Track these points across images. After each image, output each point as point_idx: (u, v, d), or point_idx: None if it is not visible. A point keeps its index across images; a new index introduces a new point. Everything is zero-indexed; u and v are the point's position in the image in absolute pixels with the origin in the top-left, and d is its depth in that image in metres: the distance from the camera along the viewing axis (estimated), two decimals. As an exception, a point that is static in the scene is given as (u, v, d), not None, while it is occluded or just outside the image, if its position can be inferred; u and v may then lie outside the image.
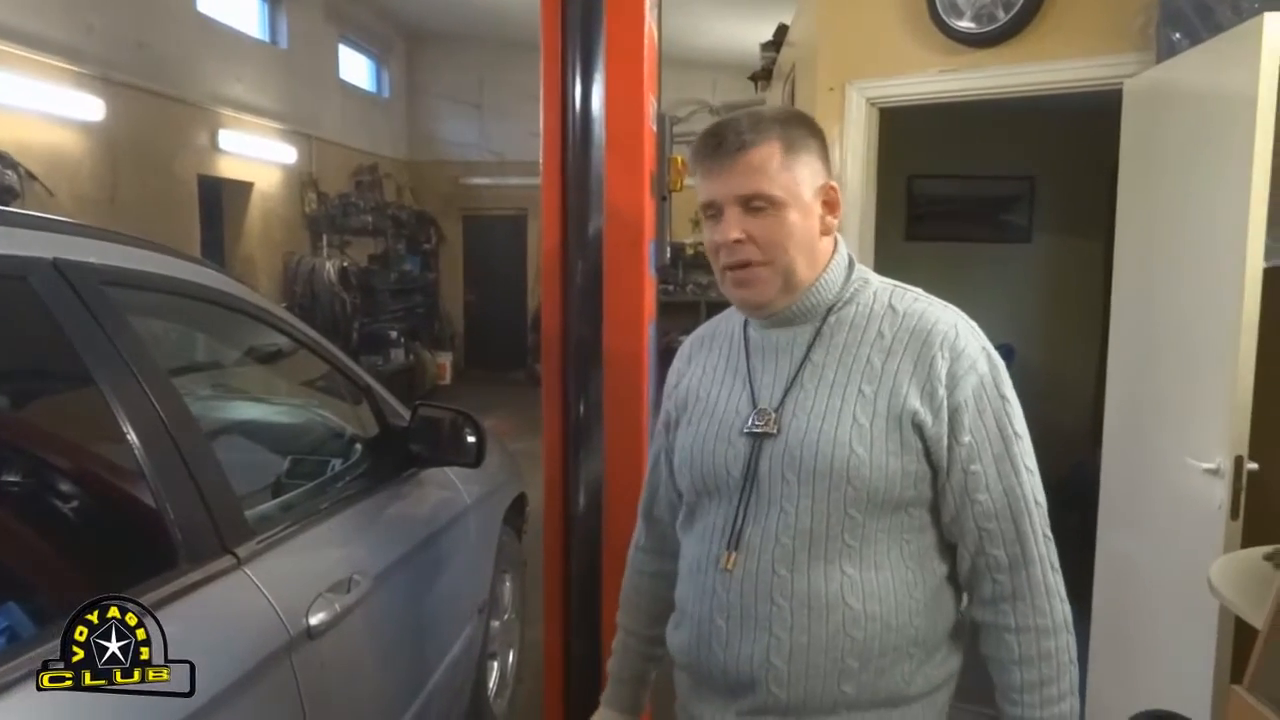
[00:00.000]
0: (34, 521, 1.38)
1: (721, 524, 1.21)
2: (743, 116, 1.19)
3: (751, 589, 1.17)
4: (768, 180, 1.15)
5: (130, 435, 1.27)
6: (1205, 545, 2.09)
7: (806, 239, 1.18)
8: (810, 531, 1.14)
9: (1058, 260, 5.35)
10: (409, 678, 1.99)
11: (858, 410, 1.15)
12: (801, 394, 1.18)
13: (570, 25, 1.83)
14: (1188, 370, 2.29)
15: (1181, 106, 2.39)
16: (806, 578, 1.14)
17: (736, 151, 1.15)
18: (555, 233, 1.89)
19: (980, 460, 1.14)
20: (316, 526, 1.71)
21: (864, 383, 1.16)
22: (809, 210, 1.19)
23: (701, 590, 1.22)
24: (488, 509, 2.64)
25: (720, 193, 1.17)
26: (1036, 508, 1.16)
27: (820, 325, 1.21)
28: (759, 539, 1.17)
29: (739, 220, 1.16)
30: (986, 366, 1.17)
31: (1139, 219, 2.63)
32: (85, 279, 1.33)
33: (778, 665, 1.15)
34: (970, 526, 1.16)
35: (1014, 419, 1.17)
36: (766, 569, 1.16)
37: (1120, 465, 2.71)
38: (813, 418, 1.16)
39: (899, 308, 1.20)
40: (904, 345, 1.16)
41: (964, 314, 1.22)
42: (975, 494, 1.15)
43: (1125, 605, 2.63)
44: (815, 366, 1.19)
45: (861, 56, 3.26)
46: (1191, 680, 2.14)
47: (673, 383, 1.38)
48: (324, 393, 2.53)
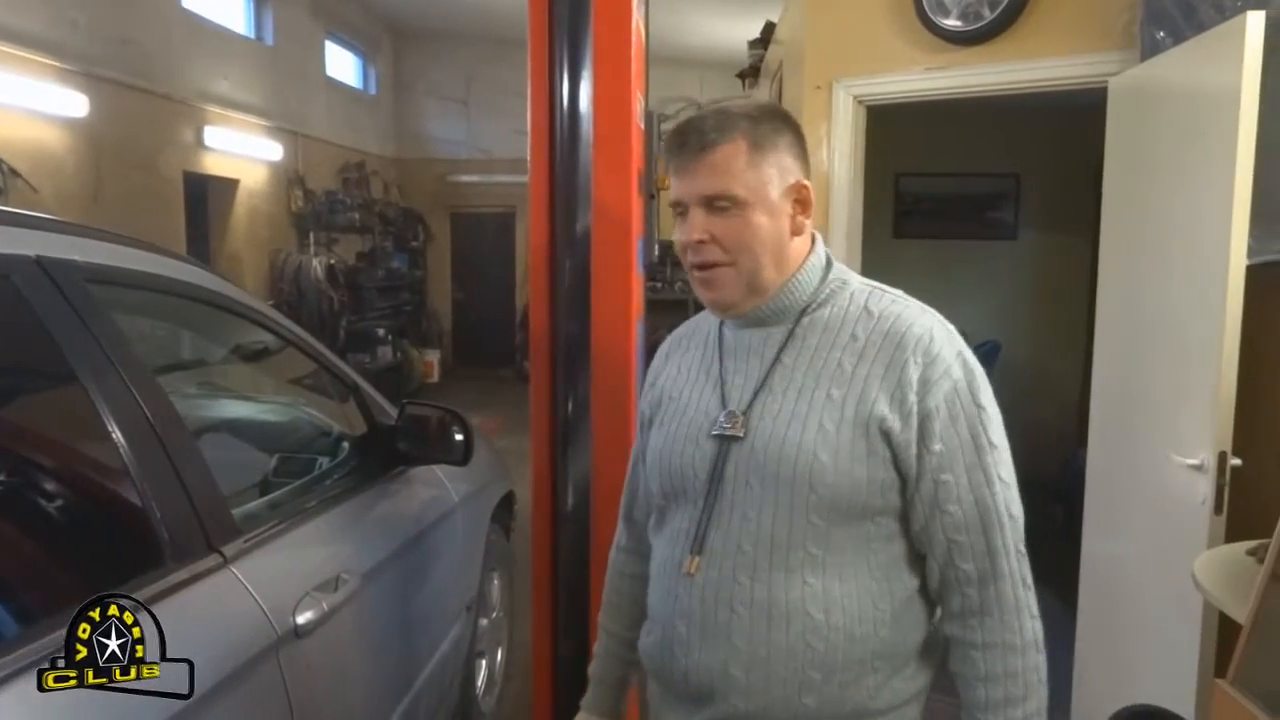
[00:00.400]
0: (17, 520, 1.37)
1: (687, 527, 1.19)
2: (710, 114, 1.16)
3: (713, 595, 1.14)
4: (731, 180, 1.12)
5: (115, 433, 1.26)
6: (1189, 540, 2.11)
7: (774, 240, 1.15)
8: (772, 539, 1.12)
9: (1043, 257, 5.39)
10: (397, 676, 1.98)
11: (824, 415, 1.11)
12: (770, 397, 1.16)
13: (557, 23, 1.83)
14: (1172, 367, 2.31)
15: (1165, 104, 2.40)
16: (767, 586, 1.12)
17: (700, 151, 1.13)
18: (543, 231, 1.89)
19: (951, 470, 1.11)
20: (304, 525, 1.70)
21: (833, 387, 1.12)
22: (776, 210, 1.15)
23: (666, 594, 1.21)
24: (476, 507, 2.64)
25: (685, 192, 1.15)
26: (1010, 521, 1.13)
27: (793, 327, 1.18)
28: (721, 545, 1.15)
29: (703, 221, 1.14)
30: (961, 373, 1.13)
31: (1123, 216, 2.65)
32: (69, 277, 1.32)
33: (736, 675, 1.12)
34: (939, 538, 1.13)
35: (989, 428, 1.13)
36: (728, 576, 1.13)
37: (1105, 461, 2.73)
38: (778, 422, 1.13)
39: (874, 310, 1.16)
40: (876, 349, 1.13)
41: (942, 318, 1.18)
42: (945, 505, 1.11)
43: (1110, 600, 2.65)
44: (785, 369, 1.17)
45: (848, 55, 3.27)
46: (1176, 675, 2.16)
47: (649, 381, 1.36)
48: (311, 391, 2.52)
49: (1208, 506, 2.06)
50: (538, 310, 1.92)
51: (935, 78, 3.08)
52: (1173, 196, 2.33)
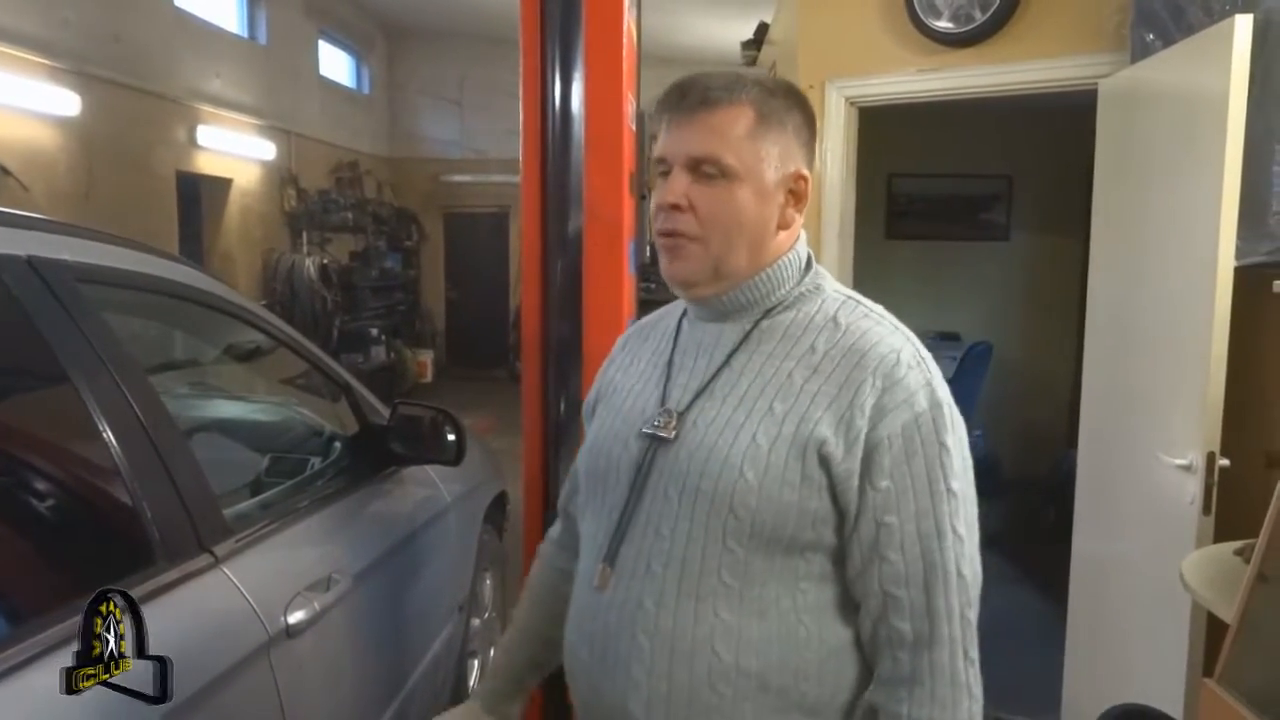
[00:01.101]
0: (7, 519, 1.37)
1: (601, 538, 1.08)
2: (721, 73, 1.04)
3: (616, 620, 1.02)
4: (725, 145, 1.00)
5: (106, 433, 1.26)
6: (1178, 540, 2.12)
7: (755, 225, 1.03)
8: (684, 561, 0.99)
9: (1036, 258, 5.41)
10: (389, 676, 1.98)
11: (760, 430, 0.98)
12: (709, 402, 1.04)
13: (549, 23, 1.83)
14: (1161, 367, 2.32)
15: (1155, 106, 2.42)
16: (673, 615, 0.98)
17: (699, 106, 1.01)
18: (535, 231, 1.89)
19: (898, 513, 0.96)
20: (295, 525, 1.70)
21: (777, 400, 0.99)
22: (767, 194, 1.03)
23: (576, 614, 1.11)
24: (468, 507, 2.64)
25: (672, 150, 1.03)
26: (958, 580, 0.96)
27: (751, 328, 1.06)
28: (631, 562, 1.03)
29: (684, 185, 1.01)
30: (927, 404, 0.97)
31: (1113, 218, 2.67)
32: (60, 276, 1.32)
33: (635, 712, 1.00)
34: (875, 588, 0.97)
35: (949, 472, 0.97)
36: (634, 599, 1.01)
37: (1095, 461, 2.74)
38: (710, 431, 1.01)
39: (842, 322, 1.03)
40: (834, 364, 0.99)
41: (918, 341, 1.03)
42: (886, 551, 0.96)
43: (1100, 599, 2.66)
44: (732, 374, 1.04)
45: (841, 55, 3.28)
46: (1165, 674, 2.17)
47: (602, 369, 1.27)
48: (303, 391, 2.52)
49: (1196, 506, 2.08)
50: (530, 311, 1.92)
51: (927, 79, 3.09)
52: (1162, 198, 2.35)
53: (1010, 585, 4.06)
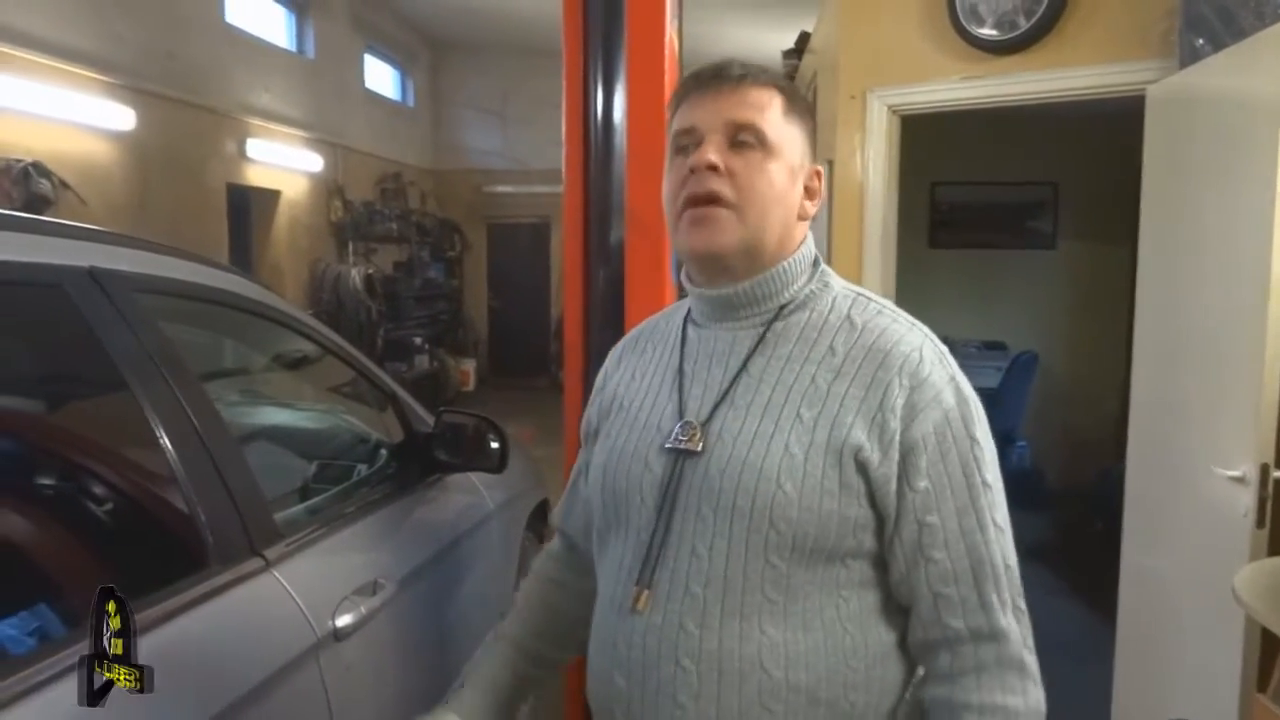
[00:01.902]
0: (68, 523, 1.41)
1: (629, 562, 1.03)
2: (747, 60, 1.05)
3: (655, 645, 0.98)
4: (764, 118, 1.00)
5: (163, 439, 1.30)
6: (1230, 554, 2.08)
7: (785, 206, 1.02)
8: (725, 580, 0.95)
9: (1083, 266, 5.34)
10: (433, 681, 2.00)
11: (792, 439, 0.96)
12: (731, 412, 1.00)
13: (592, 35, 1.86)
14: (1213, 377, 2.28)
15: (1205, 112, 2.38)
16: (718, 637, 0.95)
17: (740, 79, 1.01)
18: (577, 241, 1.91)
19: (939, 511, 0.95)
20: (343, 530, 1.73)
21: (804, 406, 0.97)
22: (794, 177, 1.03)
23: (602, 642, 1.06)
24: (511, 514, 2.66)
25: (707, 119, 1.01)
26: (1005, 571, 0.96)
27: (764, 331, 1.03)
28: (667, 585, 0.98)
29: (721, 151, 0.99)
30: (954, 400, 0.97)
31: (1162, 225, 2.62)
32: (119, 287, 1.36)
33: None
34: (924, 591, 0.96)
35: (984, 465, 0.97)
36: (673, 623, 0.97)
37: (1145, 473, 2.69)
38: (739, 443, 0.98)
39: (858, 321, 1.02)
40: (856, 366, 0.98)
41: (934, 335, 1.03)
42: (930, 551, 0.95)
43: (1150, 614, 2.61)
44: (751, 380, 1.01)
45: (883, 64, 3.27)
46: (1216, 689, 2.13)
47: (597, 386, 1.23)
48: (350, 398, 2.56)
49: (1249, 519, 2.03)
50: (571, 320, 1.94)
51: (970, 87, 3.07)
52: (1212, 205, 2.31)
53: (1058, 599, 3.99)
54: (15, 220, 1.32)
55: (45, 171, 4.78)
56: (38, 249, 1.28)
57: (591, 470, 1.14)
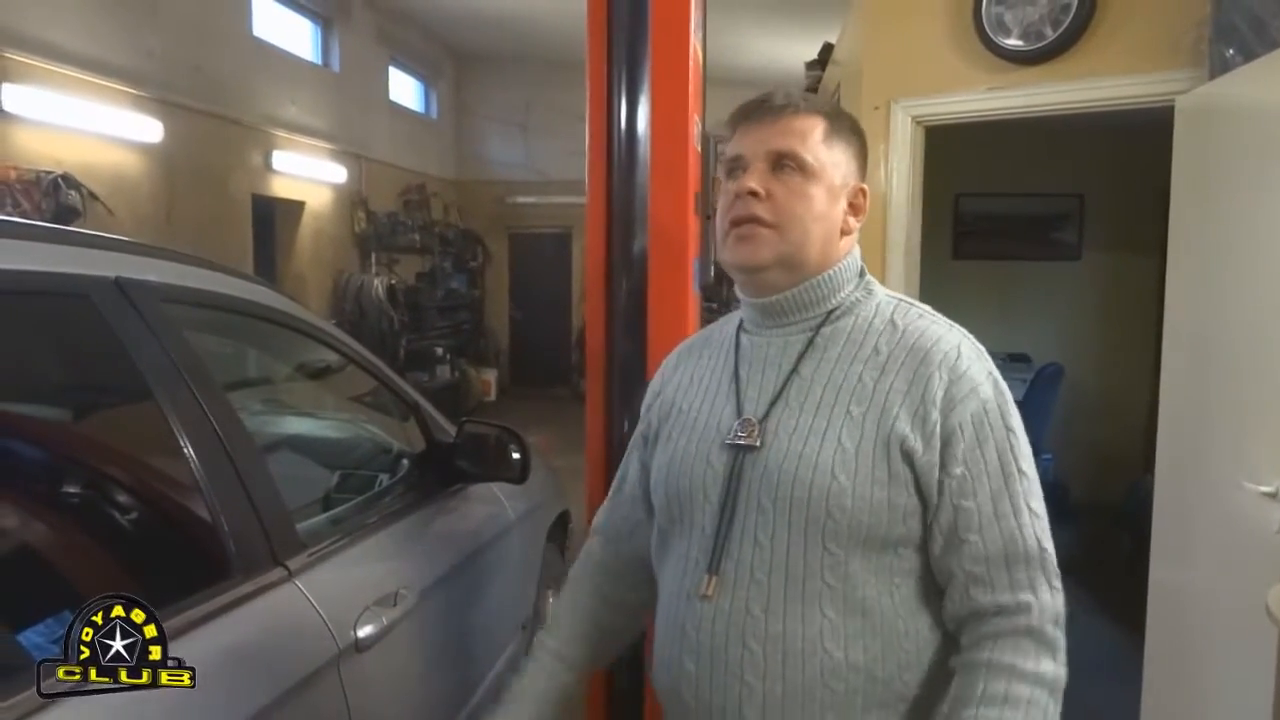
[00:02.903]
0: (93, 532, 1.42)
1: (696, 554, 1.11)
2: (792, 90, 1.17)
3: (723, 630, 1.06)
4: (804, 145, 1.10)
5: (187, 449, 1.30)
6: (1262, 570, 2.04)
7: (824, 223, 1.11)
8: (787, 568, 1.04)
9: (1109, 278, 5.28)
10: (454, 692, 2.00)
11: (844, 433, 1.04)
12: (786, 411, 1.09)
13: (615, 46, 1.86)
14: (1244, 392, 2.24)
15: (1235, 123, 2.35)
16: (782, 620, 1.03)
17: (782, 109, 1.11)
18: (599, 251, 1.91)
19: (975, 496, 1.02)
20: (364, 540, 1.73)
21: (853, 403, 1.06)
22: (835, 196, 1.12)
23: (671, 628, 1.14)
24: (532, 525, 2.66)
25: (751, 147, 1.11)
26: (1040, 554, 1.02)
27: (813, 336, 1.12)
28: (733, 573, 1.07)
29: (763, 177, 1.09)
30: (991, 392, 1.05)
31: (1192, 236, 2.59)
32: (145, 297, 1.37)
33: (750, 717, 1.04)
34: (957, 570, 1.03)
35: (1019, 454, 1.04)
36: (740, 608, 1.05)
37: (1174, 487, 2.65)
38: (794, 439, 1.06)
39: (900, 323, 1.11)
40: (899, 363, 1.06)
41: (971, 336, 1.11)
42: (965, 533, 1.02)
43: (1180, 630, 2.57)
44: (803, 381, 1.10)
45: (907, 75, 3.25)
46: (1248, 709, 2.08)
47: (655, 390, 1.30)
48: (372, 408, 2.57)
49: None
50: (594, 330, 1.93)
51: (996, 97, 3.05)
52: (1243, 216, 2.28)
53: (1084, 615, 3.92)
54: (43, 231, 1.34)
55: (75, 183, 4.84)
56: (65, 259, 1.29)
57: (654, 471, 1.22)
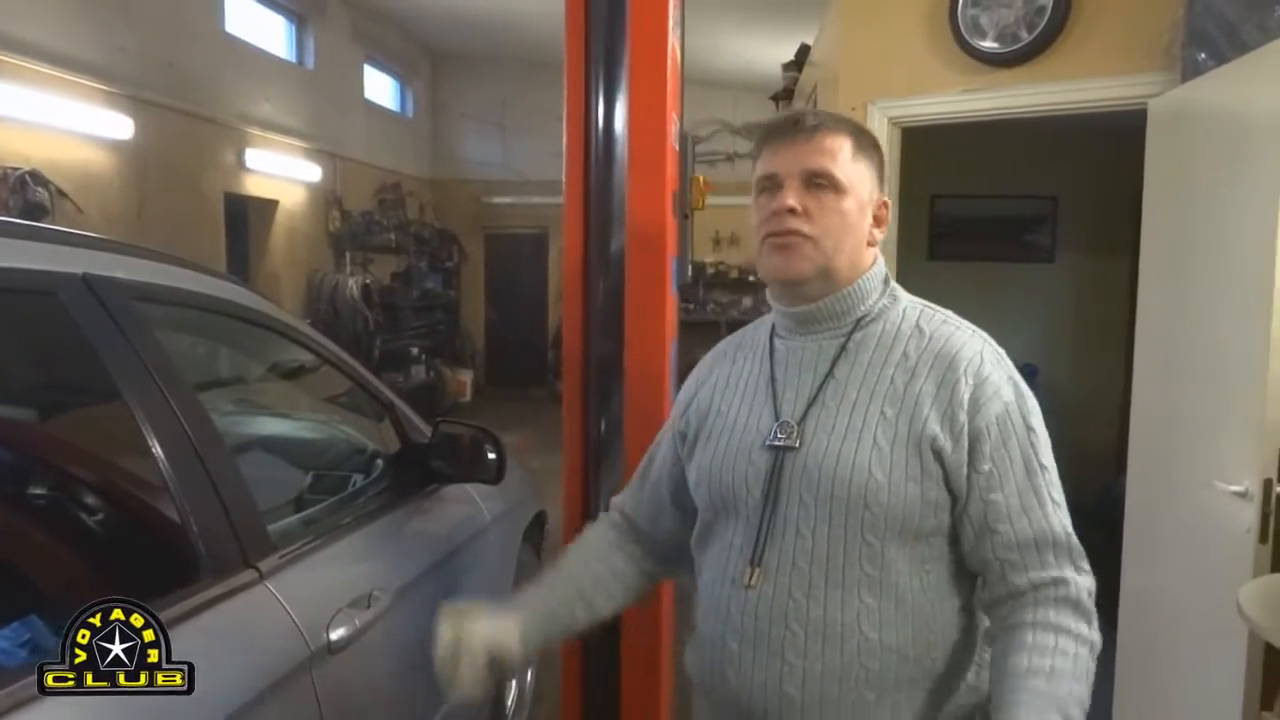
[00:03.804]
0: (60, 534, 1.39)
1: (740, 543, 1.19)
2: (821, 111, 1.24)
3: (766, 613, 1.14)
4: (835, 163, 1.16)
5: (156, 449, 1.28)
6: (1233, 569, 2.06)
7: (855, 235, 1.19)
8: (828, 556, 1.12)
9: (1082, 280, 5.32)
10: (427, 694, 1.98)
11: (879, 433, 1.12)
12: (823, 412, 1.17)
13: (594, 44, 1.85)
14: (1215, 393, 2.27)
15: (1207, 126, 2.37)
16: (823, 605, 1.12)
17: (813, 129, 1.17)
18: (577, 250, 1.90)
19: (1002, 490, 1.10)
20: (338, 542, 1.71)
21: (886, 404, 1.14)
22: (863, 210, 1.19)
23: (716, 610, 1.21)
24: (507, 526, 2.64)
25: (785, 166, 1.17)
26: (1066, 538, 1.11)
27: (845, 341, 1.20)
28: (776, 561, 1.15)
29: (798, 194, 1.16)
30: (1012, 395, 1.14)
31: (1164, 239, 2.62)
32: (114, 294, 1.34)
33: (791, 693, 1.12)
34: (991, 558, 1.11)
35: (1040, 450, 1.13)
36: (783, 593, 1.14)
37: (1146, 488, 2.68)
38: (833, 438, 1.14)
39: (926, 329, 1.19)
40: (928, 368, 1.14)
41: (992, 340, 1.20)
42: (995, 524, 1.10)
43: (1151, 630, 2.59)
44: (838, 384, 1.18)
45: (884, 76, 3.26)
46: (1218, 707, 2.11)
47: (690, 392, 1.36)
48: (346, 409, 2.54)
49: (1252, 535, 2.02)
50: (571, 330, 1.92)
51: (972, 99, 3.07)
52: (1215, 219, 2.30)
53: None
54: (9, 226, 1.31)
55: (42, 180, 4.77)
56: (31, 255, 1.27)
57: (697, 470, 1.27)
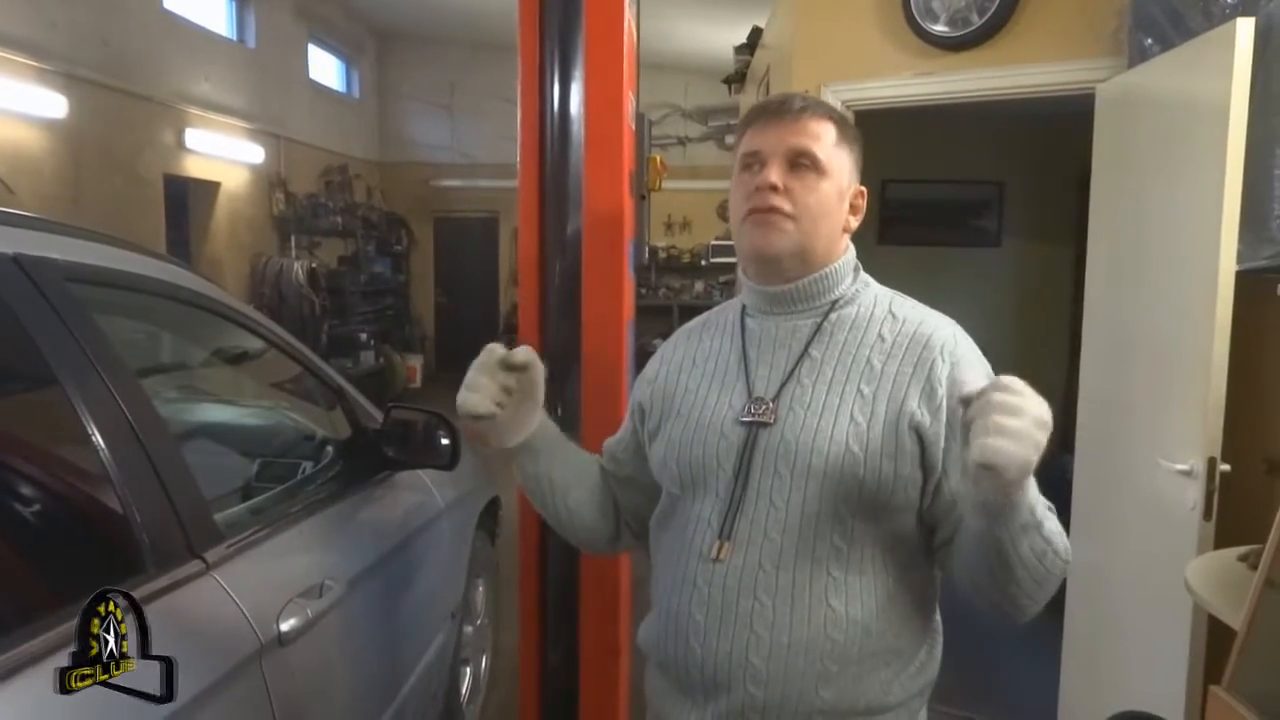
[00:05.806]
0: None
1: (708, 515, 1.19)
2: (807, 94, 1.26)
3: (735, 584, 1.15)
4: (819, 146, 1.19)
5: (95, 437, 1.23)
6: (1178, 547, 2.11)
7: (833, 220, 1.21)
8: (799, 528, 1.13)
9: (1027, 264, 5.42)
10: (382, 684, 1.95)
11: (855, 410, 1.14)
12: (799, 389, 1.18)
13: (549, 22, 1.81)
14: (1160, 373, 2.31)
15: (1153, 110, 2.41)
16: (792, 576, 1.13)
17: (799, 111, 1.20)
18: (533, 232, 1.87)
19: None
20: (287, 530, 1.67)
21: (863, 383, 1.16)
22: (842, 196, 1.22)
23: (679, 582, 1.21)
24: (461, 512, 2.61)
25: (770, 144, 1.19)
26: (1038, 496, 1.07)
27: (821, 321, 1.22)
28: (747, 533, 1.15)
29: (781, 173, 1.18)
30: (983, 372, 1.18)
31: (1111, 222, 2.66)
32: (48, 275, 1.29)
33: (756, 664, 1.13)
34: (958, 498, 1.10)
35: None
36: (753, 564, 1.14)
37: (1092, 468, 2.73)
38: (809, 414, 1.16)
39: (899, 314, 1.22)
40: (904, 349, 1.17)
41: (958, 325, 1.24)
42: None
43: (1097, 606, 2.65)
44: (814, 362, 1.20)
45: (837, 59, 3.27)
46: (1164, 681, 2.16)
47: (653, 370, 1.37)
48: (294, 395, 2.48)
49: (1197, 512, 2.06)
50: (527, 312, 1.90)
51: (923, 83, 3.09)
52: (1161, 202, 2.34)
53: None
54: (-66, 204, 1.24)
55: (-30, 159, 4.60)
56: (-41, 234, 1.21)
57: (663, 447, 1.27)
